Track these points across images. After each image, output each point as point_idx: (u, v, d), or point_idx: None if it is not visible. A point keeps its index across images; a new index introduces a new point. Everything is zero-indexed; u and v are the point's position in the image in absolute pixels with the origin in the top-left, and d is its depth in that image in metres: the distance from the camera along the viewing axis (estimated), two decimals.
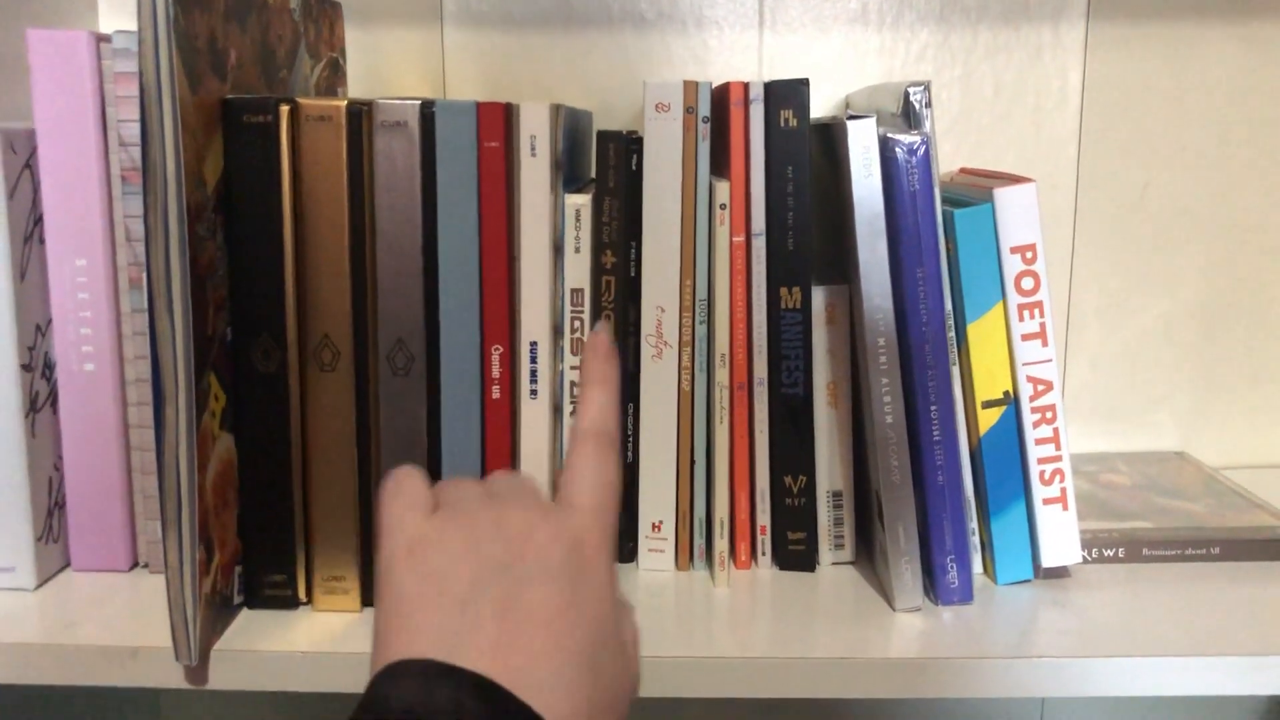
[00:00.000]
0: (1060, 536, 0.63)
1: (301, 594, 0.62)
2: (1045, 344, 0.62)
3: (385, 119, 0.58)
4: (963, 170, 0.75)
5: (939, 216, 0.60)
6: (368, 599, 0.62)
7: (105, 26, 0.82)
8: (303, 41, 0.71)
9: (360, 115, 0.58)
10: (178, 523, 0.54)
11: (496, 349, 0.60)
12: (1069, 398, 0.86)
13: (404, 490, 0.48)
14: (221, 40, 0.58)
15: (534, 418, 0.61)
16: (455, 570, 0.44)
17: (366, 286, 0.59)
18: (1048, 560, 0.64)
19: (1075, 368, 0.86)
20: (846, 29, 0.81)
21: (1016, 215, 0.61)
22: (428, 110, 0.58)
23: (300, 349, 0.59)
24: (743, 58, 0.82)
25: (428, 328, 0.59)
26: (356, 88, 0.83)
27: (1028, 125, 0.82)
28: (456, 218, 0.59)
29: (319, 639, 0.59)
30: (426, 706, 0.40)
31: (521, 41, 0.82)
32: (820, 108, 0.83)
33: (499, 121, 0.58)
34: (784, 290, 0.64)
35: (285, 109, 0.58)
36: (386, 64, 0.83)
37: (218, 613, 0.59)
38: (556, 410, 0.62)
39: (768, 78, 0.82)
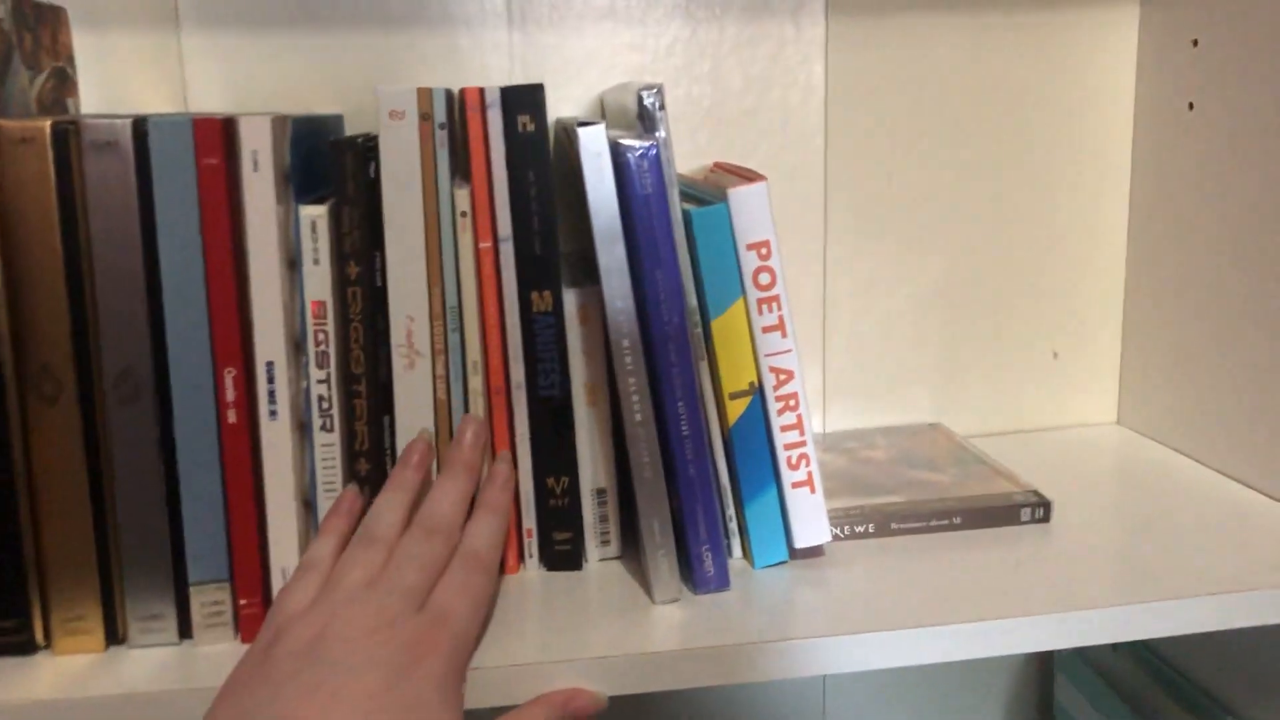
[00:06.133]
0: (810, 518, 0.66)
1: (40, 638, 0.59)
2: (784, 336, 0.64)
3: (94, 139, 0.55)
4: (716, 164, 0.76)
5: (674, 218, 0.61)
6: (112, 637, 0.60)
7: None
8: (16, 53, 0.66)
9: (67, 135, 0.55)
10: None
11: (230, 371, 0.58)
12: (830, 378, 0.89)
13: (303, 562, 0.57)
14: None
15: (275, 439, 0.59)
16: (287, 657, 0.50)
17: (86, 314, 0.56)
18: (800, 541, 0.66)
19: (834, 349, 0.89)
20: (595, 25, 0.82)
21: (750, 213, 0.62)
22: (140, 128, 0.55)
23: (19, 382, 0.56)
24: (495, 56, 0.81)
25: (155, 354, 0.57)
26: (92, 97, 0.79)
27: (776, 118, 0.85)
28: (178, 239, 0.56)
29: (61, 684, 0.56)
30: None
31: (264, 43, 0.80)
32: (576, 106, 0.83)
33: (217, 138, 0.56)
34: (534, 294, 0.64)
35: None
36: (122, 70, 0.79)
37: None
38: (302, 428, 0.61)
39: (521, 76, 0.82)
